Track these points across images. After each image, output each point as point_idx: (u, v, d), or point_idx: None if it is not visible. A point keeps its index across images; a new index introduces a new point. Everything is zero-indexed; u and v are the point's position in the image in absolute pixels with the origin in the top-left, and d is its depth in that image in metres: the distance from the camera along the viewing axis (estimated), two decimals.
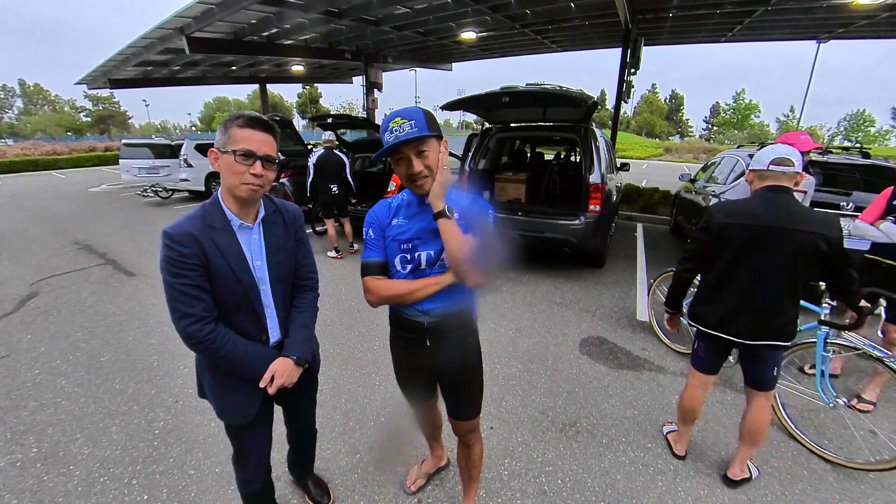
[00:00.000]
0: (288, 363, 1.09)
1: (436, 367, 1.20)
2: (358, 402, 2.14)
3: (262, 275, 1.06)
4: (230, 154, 0.93)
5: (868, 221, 2.07)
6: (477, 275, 0.98)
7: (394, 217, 1.10)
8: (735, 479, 1.61)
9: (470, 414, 1.25)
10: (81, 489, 1.59)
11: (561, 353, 2.64)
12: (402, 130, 0.93)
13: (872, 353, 1.61)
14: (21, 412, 2.05)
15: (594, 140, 3.69)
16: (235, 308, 1.03)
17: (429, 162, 0.98)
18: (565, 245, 3.70)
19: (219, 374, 1.08)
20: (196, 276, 0.94)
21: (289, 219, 1.13)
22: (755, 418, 1.54)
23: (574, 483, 1.63)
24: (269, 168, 0.97)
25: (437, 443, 1.62)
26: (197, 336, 0.95)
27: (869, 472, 1.66)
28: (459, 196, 1.10)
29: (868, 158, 3.46)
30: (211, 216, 0.98)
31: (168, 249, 0.93)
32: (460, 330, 1.15)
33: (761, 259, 1.39)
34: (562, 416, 2.04)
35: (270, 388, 1.05)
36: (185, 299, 0.93)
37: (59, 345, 2.72)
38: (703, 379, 1.64)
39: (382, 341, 2.77)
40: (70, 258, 4.61)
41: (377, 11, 7.27)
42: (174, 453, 1.77)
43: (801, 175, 1.41)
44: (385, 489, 1.60)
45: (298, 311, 1.18)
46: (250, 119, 0.95)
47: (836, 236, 1.32)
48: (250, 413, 1.11)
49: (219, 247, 0.97)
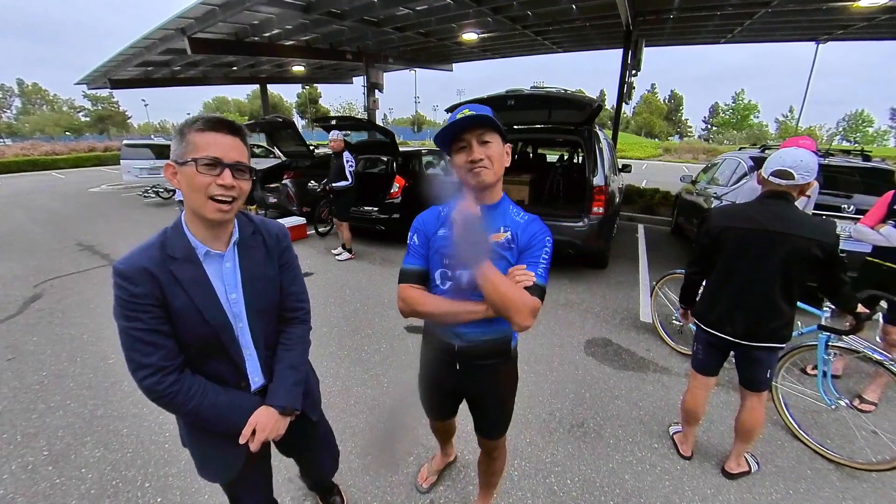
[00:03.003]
0: (271, 413, 0.93)
1: (463, 391, 1.15)
2: (367, 403, 2.15)
3: (238, 310, 0.89)
4: (191, 164, 0.76)
5: (869, 225, 2.11)
6: (523, 316, 0.86)
7: (441, 226, 1.00)
8: (732, 471, 1.68)
9: (496, 435, 1.20)
10: (94, 492, 1.60)
11: (566, 354, 2.66)
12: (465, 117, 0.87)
13: (872, 356, 1.64)
14: (30, 415, 2.05)
15: (597, 142, 3.72)
16: (206, 353, 0.87)
17: (491, 153, 0.89)
18: (569, 247, 3.72)
19: (193, 428, 0.94)
20: (151, 320, 0.79)
21: (270, 240, 0.95)
22: (747, 418, 1.61)
23: (583, 483, 1.66)
24: (242, 178, 0.81)
25: (449, 444, 1.65)
26: (156, 390, 0.80)
27: (871, 472, 1.68)
28: (518, 212, 1.00)
29: (868, 161, 3.49)
30: (172, 245, 0.82)
31: (118, 289, 0.78)
32: (495, 358, 1.07)
33: (756, 261, 1.44)
34: (569, 417, 2.06)
35: (252, 445, 0.89)
36: (140, 346, 0.79)
37: (66, 347, 2.73)
38: (704, 381, 1.68)
39: (390, 343, 2.79)
40: (73, 259, 4.61)
41: (379, 13, 7.28)
42: (186, 455, 1.74)
43: (809, 184, 1.42)
44: (397, 489, 1.61)
45: (285, 349, 0.99)
46: (211, 121, 0.79)
47: (830, 242, 1.35)
48: (233, 471, 0.96)
49: (179, 281, 0.81)
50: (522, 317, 0.87)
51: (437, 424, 1.40)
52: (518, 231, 0.95)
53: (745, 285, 1.48)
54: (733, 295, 1.50)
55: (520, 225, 0.96)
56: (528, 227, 0.96)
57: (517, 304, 0.86)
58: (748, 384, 1.59)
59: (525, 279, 0.89)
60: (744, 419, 1.61)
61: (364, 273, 4.16)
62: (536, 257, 0.93)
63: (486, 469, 1.33)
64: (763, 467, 1.74)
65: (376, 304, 3.41)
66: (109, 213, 7.38)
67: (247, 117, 38.44)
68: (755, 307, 1.47)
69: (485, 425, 1.19)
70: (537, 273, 0.91)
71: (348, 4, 6.65)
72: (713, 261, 1.56)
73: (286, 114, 48.51)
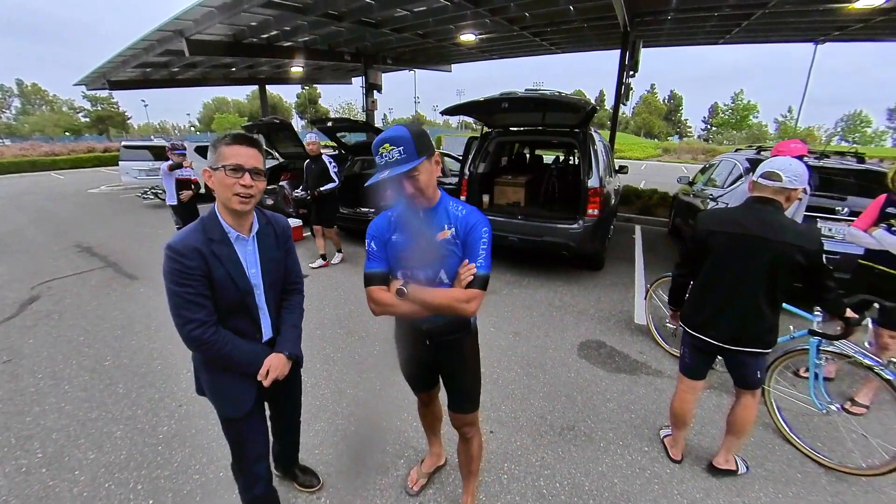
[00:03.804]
0: (281, 358, 1.21)
1: (436, 363, 1.30)
2: (359, 405, 2.16)
3: (257, 281, 1.16)
4: (221, 170, 1.02)
5: (862, 228, 2.11)
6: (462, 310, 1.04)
7: (394, 232, 1.14)
8: (719, 467, 1.70)
9: (467, 407, 1.32)
10: (87, 494, 1.61)
11: (559, 356, 2.67)
12: (391, 157, 0.97)
13: (863, 361, 1.65)
14: (25, 417, 2.07)
15: (592, 144, 3.73)
16: (234, 311, 1.13)
17: (420, 184, 1.03)
18: (564, 249, 3.73)
19: (216, 372, 1.18)
20: (199, 286, 1.03)
21: (279, 230, 1.24)
22: (741, 414, 1.65)
23: (572, 486, 1.66)
24: (258, 179, 1.06)
25: (436, 438, 1.66)
26: (201, 339, 1.05)
27: (861, 476, 1.69)
28: (457, 206, 1.12)
29: (863, 163, 3.50)
30: (210, 229, 1.07)
31: (173, 262, 1.01)
32: (458, 333, 1.24)
33: (741, 265, 1.46)
34: (560, 419, 2.07)
35: (266, 381, 1.16)
36: (189, 307, 1.03)
37: (62, 349, 2.74)
38: (691, 384, 1.70)
39: (382, 345, 2.79)
40: (71, 261, 4.62)
41: (377, 14, 7.28)
42: (178, 458, 1.79)
43: (795, 190, 1.43)
44: (387, 492, 1.62)
45: (288, 311, 1.29)
46: (236, 137, 1.06)
47: (814, 248, 1.36)
48: (247, 404, 1.20)
49: (219, 257, 1.06)
50: (462, 310, 1.05)
51: (423, 397, 1.49)
52: (458, 224, 1.09)
53: (729, 290, 1.49)
54: (718, 299, 1.52)
55: (459, 219, 1.10)
56: (466, 220, 1.09)
57: (452, 305, 1.05)
58: (742, 384, 1.63)
59: (467, 276, 1.05)
60: (737, 414, 1.65)
61: (358, 275, 4.13)
62: (476, 249, 1.07)
63: (464, 455, 1.41)
64: (753, 470, 1.75)
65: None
66: (108, 215, 7.39)
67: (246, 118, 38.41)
68: (739, 312, 1.49)
69: (457, 398, 1.32)
70: (478, 264, 1.05)
71: (346, 6, 6.65)
72: (699, 264, 1.58)
73: (286, 114, 48.54)
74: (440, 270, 1.10)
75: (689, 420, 1.76)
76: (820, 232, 1.46)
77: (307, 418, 1.97)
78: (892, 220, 2.02)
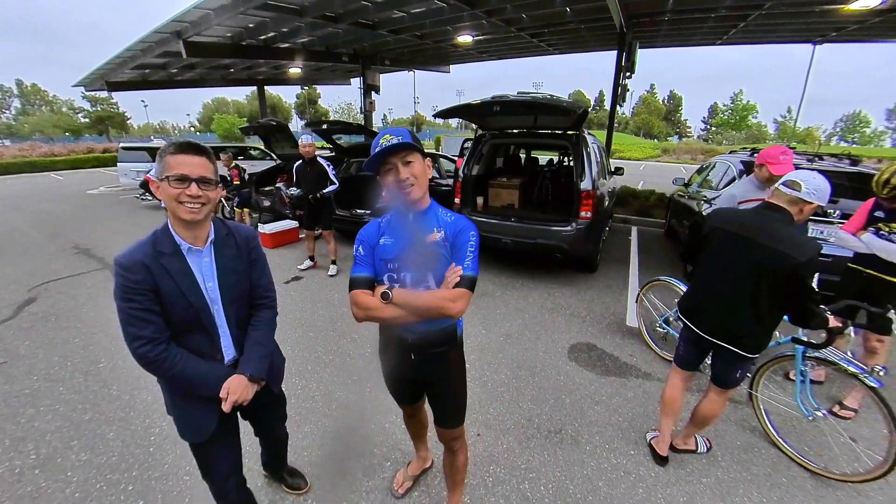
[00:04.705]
0: (241, 380, 1.12)
1: (421, 378, 1.28)
2: (349, 408, 2.18)
3: (215, 296, 1.10)
4: (165, 181, 0.97)
5: (850, 231, 2.13)
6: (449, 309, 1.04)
7: (382, 235, 1.15)
8: (678, 447, 1.84)
9: (453, 423, 1.31)
10: (78, 495, 1.63)
11: (549, 359, 2.68)
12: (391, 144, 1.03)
13: (847, 368, 1.65)
14: (19, 419, 2.09)
15: (585, 147, 3.74)
16: (188, 329, 1.06)
17: (415, 171, 1.06)
18: (557, 251, 3.74)
19: (175, 394, 1.12)
20: (145, 301, 0.98)
21: (241, 241, 1.16)
22: (706, 407, 1.72)
23: (556, 490, 1.68)
24: (207, 188, 1.01)
25: (422, 443, 1.68)
26: (148, 356, 0.99)
27: (847, 483, 1.69)
28: (446, 213, 1.17)
29: (856, 165, 3.51)
30: (161, 242, 1.03)
31: (119, 276, 0.97)
32: (444, 345, 1.21)
33: (728, 263, 1.54)
34: (547, 422, 2.08)
35: (225, 406, 1.07)
36: (135, 322, 0.98)
37: (58, 351, 2.76)
38: (682, 374, 1.81)
39: (374, 348, 2.78)
40: (68, 262, 4.64)
41: (374, 16, 7.30)
42: (169, 459, 1.81)
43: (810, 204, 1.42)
44: (373, 494, 1.64)
45: (254, 329, 1.20)
46: (181, 145, 1.00)
47: (800, 260, 1.34)
48: (208, 430, 1.14)
49: (168, 271, 1.01)
50: (449, 310, 1.04)
51: (407, 409, 1.50)
52: (447, 229, 1.12)
53: (715, 283, 1.59)
54: (706, 290, 1.63)
55: (448, 224, 1.13)
56: (454, 225, 1.13)
57: (439, 305, 1.04)
58: (715, 379, 1.70)
59: (454, 277, 1.07)
60: (701, 407, 1.74)
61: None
62: (463, 252, 1.09)
63: (449, 467, 1.41)
64: (738, 474, 1.76)
65: None
66: (106, 216, 7.41)
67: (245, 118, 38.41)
68: (718, 308, 1.57)
69: (442, 414, 1.31)
70: (465, 266, 1.08)
71: (342, 8, 6.68)
72: (699, 256, 1.69)
73: (286, 114, 48.52)
74: (428, 274, 1.11)
75: (677, 409, 1.82)
76: (818, 248, 1.37)
77: (296, 420, 1.99)
78: (881, 223, 2.04)
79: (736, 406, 2.22)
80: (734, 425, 2.07)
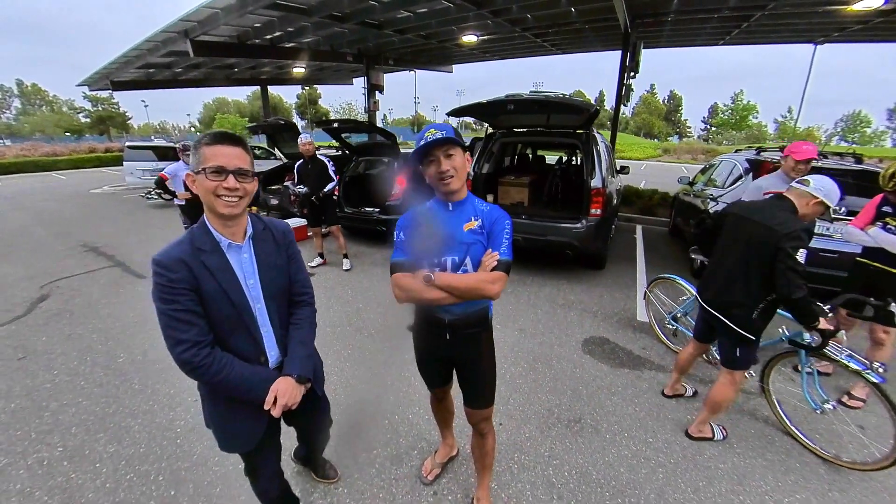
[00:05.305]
0: (289, 382, 1.06)
1: (453, 358, 1.34)
2: (370, 401, 2.22)
3: (256, 293, 1.04)
4: (202, 173, 0.92)
5: (858, 226, 2.18)
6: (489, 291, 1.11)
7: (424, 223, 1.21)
8: (692, 435, 1.93)
9: (482, 403, 1.36)
10: (110, 485, 1.66)
11: (564, 352, 2.73)
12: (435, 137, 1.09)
13: (849, 364, 1.69)
14: (43, 412, 2.11)
15: (595, 145, 3.79)
16: (231, 330, 1.01)
17: (455, 164, 1.13)
18: (568, 248, 3.78)
19: (220, 404, 1.06)
20: (187, 301, 0.93)
21: (278, 235, 1.11)
22: (717, 391, 1.84)
23: (580, 475, 1.72)
24: (244, 180, 0.96)
25: (448, 431, 1.72)
26: (192, 362, 0.92)
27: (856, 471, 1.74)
28: (482, 203, 1.24)
29: (860, 164, 3.56)
30: (199, 239, 0.97)
31: (158, 276, 0.92)
32: (477, 326, 1.28)
33: (732, 240, 1.76)
34: (567, 412, 2.12)
35: (275, 411, 1.02)
36: (177, 325, 0.92)
37: (75, 346, 2.78)
38: (696, 345, 2.09)
39: (392, 342, 2.85)
40: (78, 260, 4.66)
41: (380, 16, 7.34)
42: (197, 450, 1.84)
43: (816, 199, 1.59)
44: (402, 482, 1.68)
45: (296, 327, 1.15)
46: (216, 136, 0.95)
47: (782, 232, 1.52)
48: (255, 439, 1.09)
49: (209, 269, 0.95)
50: (488, 291, 1.12)
51: (437, 393, 1.54)
52: (484, 218, 1.20)
53: (721, 259, 1.81)
54: (714, 266, 1.86)
55: (484, 213, 1.21)
56: (490, 214, 1.20)
57: (478, 286, 1.12)
58: (720, 359, 1.86)
59: (491, 261, 1.14)
60: (712, 392, 1.86)
61: (365, 274, 4.22)
62: (499, 238, 1.16)
63: (479, 450, 1.45)
64: (753, 460, 1.81)
65: (378, 304, 3.48)
66: (112, 215, 7.43)
67: (247, 118, 38.40)
68: (720, 279, 1.78)
69: (473, 394, 1.36)
70: (501, 251, 1.14)
71: (350, 7, 6.71)
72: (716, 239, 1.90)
73: (286, 114, 48.49)
74: (466, 258, 1.17)
75: (687, 370, 2.17)
76: (804, 227, 1.55)
77: None
78: (888, 218, 2.09)
79: (749, 396, 2.27)
80: (747, 415, 2.12)
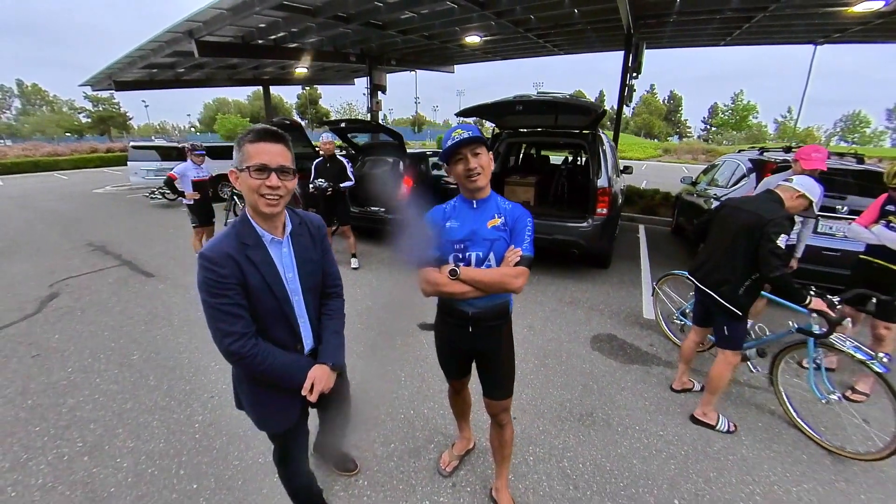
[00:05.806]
0: (325, 369, 1.12)
1: (475, 350, 1.38)
2: (386, 396, 2.25)
3: (295, 286, 1.09)
4: (246, 171, 0.93)
5: (863, 225, 2.23)
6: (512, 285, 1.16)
7: (448, 220, 1.26)
8: (697, 418, 2.03)
9: (502, 394, 1.40)
10: (131, 480, 1.68)
11: (574, 349, 2.77)
12: (462, 137, 1.14)
13: (855, 355, 1.74)
14: (61, 409, 2.14)
15: (601, 145, 3.83)
16: (273, 321, 1.05)
17: (482, 162, 1.18)
18: (574, 246, 3.82)
19: (258, 387, 1.11)
20: (235, 295, 0.96)
21: (314, 230, 1.15)
22: (714, 369, 1.97)
23: (594, 467, 1.76)
24: (286, 178, 0.97)
25: (466, 423, 1.76)
26: (240, 353, 0.97)
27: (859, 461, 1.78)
28: (504, 201, 1.30)
29: (862, 164, 3.61)
30: (243, 234, 1.00)
31: (206, 271, 0.94)
32: (499, 320, 1.33)
33: (724, 228, 1.97)
34: (578, 407, 2.16)
35: (311, 396, 1.07)
36: (225, 318, 0.95)
37: (88, 344, 2.81)
38: (697, 331, 2.21)
39: (404, 339, 2.88)
40: (86, 259, 4.69)
41: (385, 16, 7.37)
42: (217, 445, 1.87)
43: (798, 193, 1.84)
44: (421, 474, 1.72)
45: (329, 318, 1.20)
46: (260, 132, 0.96)
47: (767, 218, 1.73)
48: (292, 419, 1.16)
49: (254, 263, 0.99)
50: (512, 285, 1.18)
51: (455, 384, 1.57)
52: (506, 215, 1.25)
53: (713, 244, 2.03)
54: (707, 250, 2.07)
55: (507, 210, 1.26)
56: (512, 212, 1.26)
57: (502, 280, 1.17)
58: (716, 340, 2.01)
59: (514, 257, 1.19)
60: (711, 370, 1.99)
61: (372, 272, 4.26)
62: (522, 235, 1.22)
63: (498, 441, 1.49)
64: (761, 452, 1.85)
65: (386, 303, 3.51)
66: (117, 214, 7.46)
67: (248, 119, 38.38)
68: (712, 260, 1.98)
69: (492, 385, 1.40)
70: (524, 247, 1.20)
71: (355, 8, 6.74)
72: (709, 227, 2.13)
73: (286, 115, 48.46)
74: (490, 254, 1.22)
75: (691, 357, 2.26)
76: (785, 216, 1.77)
77: None
78: (892, 216, 2.13)
79: (755, 391, 2.31)
80: (755, 409, 2.17)
